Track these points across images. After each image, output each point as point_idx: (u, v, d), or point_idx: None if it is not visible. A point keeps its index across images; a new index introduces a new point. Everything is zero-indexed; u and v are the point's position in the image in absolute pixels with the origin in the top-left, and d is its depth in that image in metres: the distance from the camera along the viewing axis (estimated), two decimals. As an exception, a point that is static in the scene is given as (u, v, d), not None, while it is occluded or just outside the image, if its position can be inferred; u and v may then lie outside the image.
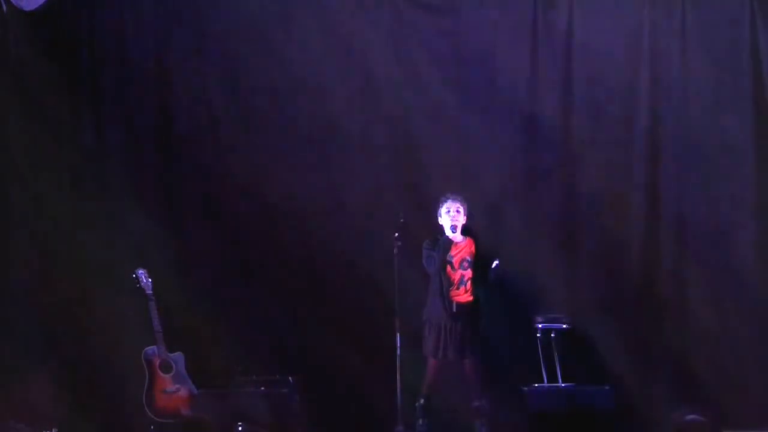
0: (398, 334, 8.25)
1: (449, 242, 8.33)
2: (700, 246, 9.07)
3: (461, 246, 8.41)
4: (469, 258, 8.39)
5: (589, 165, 9.19)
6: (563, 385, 8.47)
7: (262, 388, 8.44)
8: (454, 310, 8.29)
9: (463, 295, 8.36)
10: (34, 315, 8.95)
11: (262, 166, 9.24)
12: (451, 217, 8.34)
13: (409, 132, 9.28)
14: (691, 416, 8.02)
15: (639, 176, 9.14)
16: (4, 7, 9.12)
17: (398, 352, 8.24)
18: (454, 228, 8.32)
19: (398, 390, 8.25)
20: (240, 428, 8.03)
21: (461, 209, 8.37)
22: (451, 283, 8.32)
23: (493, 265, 8.32)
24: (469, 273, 8.37)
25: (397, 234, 8.34)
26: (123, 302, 8.85)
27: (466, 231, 8.41)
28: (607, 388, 8.25)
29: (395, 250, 8.33)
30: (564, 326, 8.69)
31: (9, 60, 9.16)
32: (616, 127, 9.19)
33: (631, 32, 9.18)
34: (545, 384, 8.50)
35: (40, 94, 9.15)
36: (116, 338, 8.86)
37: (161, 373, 8.47)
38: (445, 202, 8.40)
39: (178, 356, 8.57)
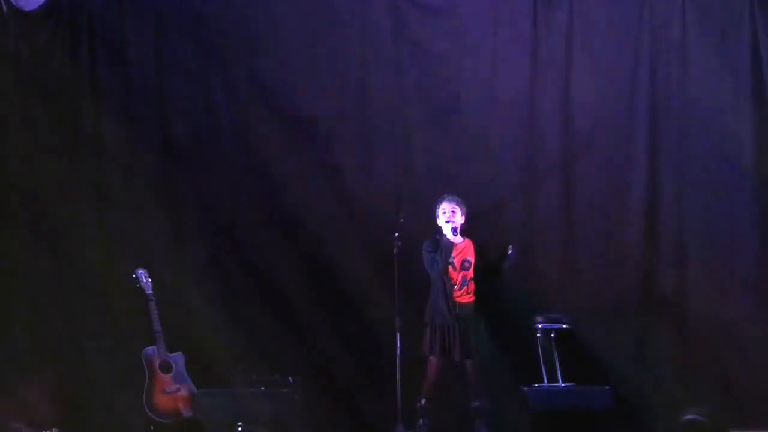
0: (398, 334, 8.25)
1: (451, 245, 8.33)
2: (700, 246, 9.06)
3: (461, 247, 8.41)
4: (469, 258, 8.39)
5: (589, 165, 9.19)
6: (563, 385, 8.47)
7: (262, 388, 8.44)
8: (457, 311, 8.29)
9: (465, 296, 8.36)
10: (34, 315, 8.94)
11: (261, 167, 9.25)
12: (447, 218, 8.35)
13: (409, 132, 9.28)
14: (691, 416, 8.02)
15: (639, 176, 9.14)
16: (4, 7, 9.13)
17: (398, 352, 8.24)
18: (454, 231, 8.32)
19: (398, 390, 8.24)
20: (240, 428, 8.02)
21: (457, 209, 8.37)
22: (453, 284, 8.33)
23: (509, 252, 8.30)
24: (470, 273, 8.37)
25: (397, 234, 8.35)
26: (123, 302, 8.85)
27: (464, 232, 8.41)
28: (607, 388, 8.24)
29: (395, 250, 8.33)
30: (564, 326, 8.68)
31: (9, 60, 9.15)
32: (616, 127, 9.19)
33: (632, 31, 9.18)
34: (545, 384, 8.49)
35: (40, 94, 9.15)
36: (116, 338, 8.87)
37: (161, 373, 8.46)
38: (442, 202, 8.41)
39: (178, 356, 8.56)
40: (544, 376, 8.54)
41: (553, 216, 9.20)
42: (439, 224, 8.41)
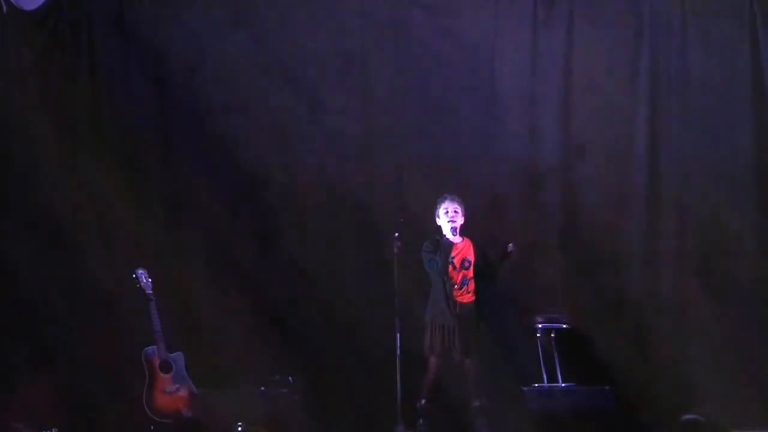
0: (398, 334, 8.25)
1: (450, 245, 8.33)
2: (700, 246, 9.07)
3: (461, 247, 8.42)
4: (469, 258, 8.39)
5: (589, 165, 9.19)
6: (563, 385, 8.47)
7: (262, 388, 8.43)
8: (457, 310, 8.29)
9: (465, 295, 8.36)
10: (34, 315, 8.94)
11: (263, 167, 9.24)
12: (449, 218, 8.35)
13: (409, 131, 9.28)
14: (691, 416, 8.02)
15: (639, 176, 9.15)
16: (4, 7, 9.12)
17: (398, 352, 8.24)
18: (454, 231, 8.32)
19: (398, 390, 8.24)
20: (240, 428, 8.02)
21: (459, 210, 8.38)
22: (453, 284, 8.33)
23: (509, 249, 8.29)
24: (470, 273, 8.38)
25: (397, 234, 8.34)
26: (123, 302, 8.85)
27: (464, 231, 8.41)
28: (607, 388, 8.24)
29: (395, 250, 8.32)
30: (564, 326, 8.68)
31: (9, 60, 9.15)
32: (617, 127, 9.20)
33: (632, 32, 9.19)
34: (545, 384, 8.49)
35: (40, 94, 9.15)
36: (116, 338, 8.86)
37: (161, 373, 8.46)
38: (443, 202, 8.41)
39: (178, 356, 8.55)
40: (544, 376, 8.54)
41: (553, 216, 9.21)
42: (440, 224, 8.42)
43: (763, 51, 9.07)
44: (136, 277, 8.60)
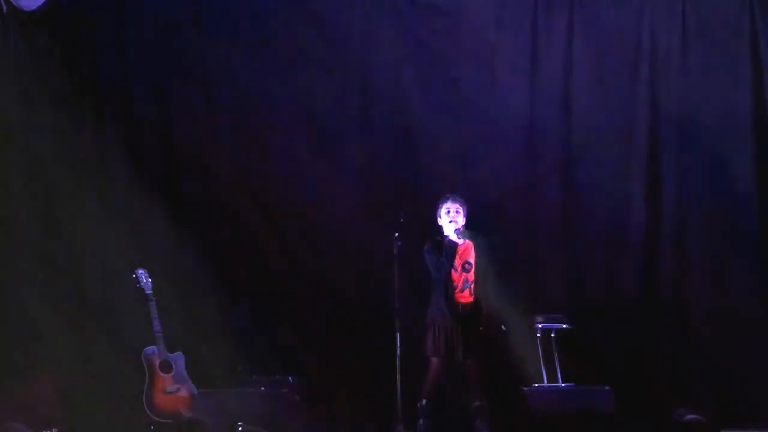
0: (398, 334, 8.24)
1: (455, 246, 8.31)
2: (700, 246, 9.08)
3: (462, 249, 8.40)
4: (470, 260, 8.38)
5: (589, 165, 9.19)
6: (563, 385, 8.47)
7: (262, 388, 8.44)
8: (459, 311, 8.28)
9: (466, 297, 8.35)
10: (34, 314, 8.94)
11: (262, 168, 9.25)
12: (451, 218, 8.33)
13: (409, 131, 9.29)
14: (691, 416, 8.03)
15: (639, 176, 9.17)
16: (4, 7, 9.11)
17: (398, 352, 8.23)
18: (458, 232, 8.29)
19: (398, 390, 8.23)
20: (240, 428, 8.03)
21: (461, 210, 8.37)
22: (455, 286, 8.31)
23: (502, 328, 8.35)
24: (471, 276, 8.36)
25: (397, 234, 8.34)
26: (123, 302, 8.85)
27: (465, 233, 8.41)
28: (607, 388, 8.25)
29: (395, 250, 8.32)
30: (564, 326, 8.68)
31: (9, 60, 9.15)
32: (617, 127, 9.21)
33: (632, 32, 9.19)
34: (545, 384, 8.49)
35: (40, 94, 9.15)
36: (116, 338, 8.86)
37: (161, 373, 8.47)
38: (445, 202, 8.39)
39: (178, 356, 8.56)
40: (544, 376, 8.54)
41: (553, 216, 9.21)
42: (441, 224, 8.40)
43: (762, 45, 9.08)
44: (136, 277, 8.61)
